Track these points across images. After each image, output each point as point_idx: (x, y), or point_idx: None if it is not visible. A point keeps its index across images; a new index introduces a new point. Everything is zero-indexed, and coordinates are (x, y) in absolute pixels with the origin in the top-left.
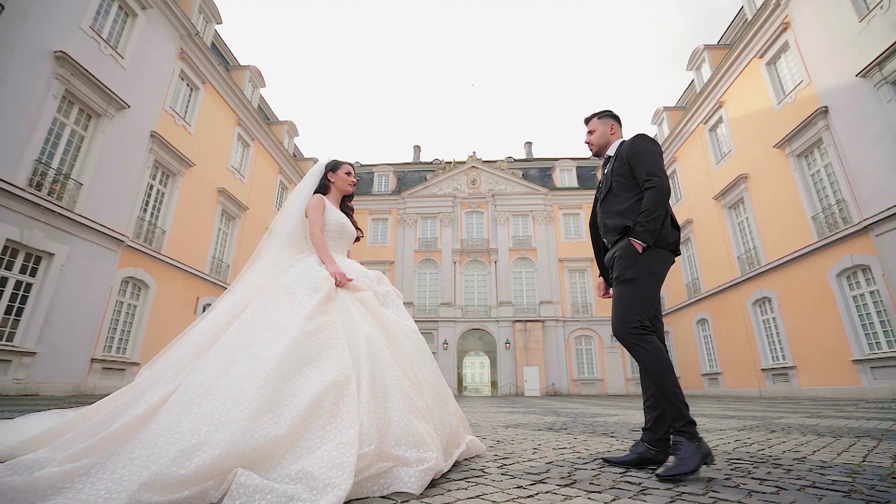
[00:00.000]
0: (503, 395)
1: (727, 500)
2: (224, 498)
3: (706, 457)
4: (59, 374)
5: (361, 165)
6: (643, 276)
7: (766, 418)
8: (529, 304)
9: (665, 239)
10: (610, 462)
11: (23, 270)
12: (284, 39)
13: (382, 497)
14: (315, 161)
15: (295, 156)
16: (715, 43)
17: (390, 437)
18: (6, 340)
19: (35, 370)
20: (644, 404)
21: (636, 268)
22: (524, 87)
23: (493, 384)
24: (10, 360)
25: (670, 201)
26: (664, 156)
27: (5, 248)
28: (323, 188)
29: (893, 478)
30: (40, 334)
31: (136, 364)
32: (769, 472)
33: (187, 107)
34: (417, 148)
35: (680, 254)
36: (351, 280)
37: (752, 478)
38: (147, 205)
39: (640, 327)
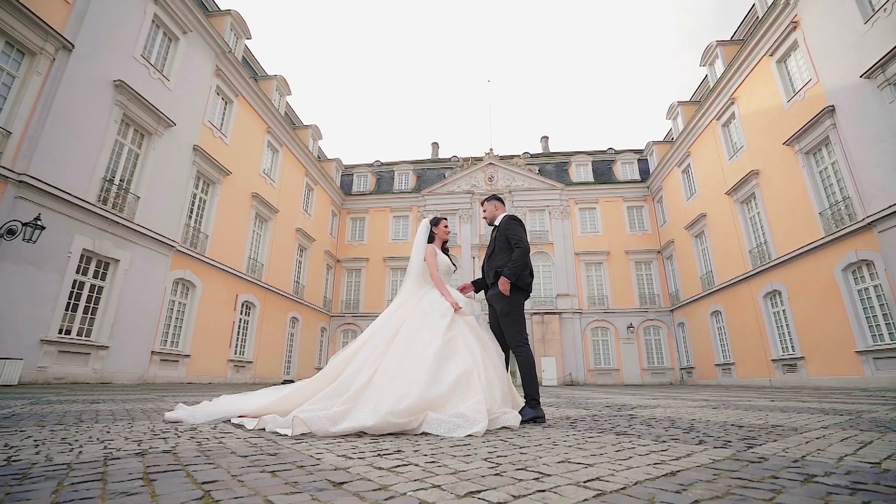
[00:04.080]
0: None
1: (613, 431)
2: (422, 424)
3: (538, 418)
4: (127, 365)
5: (381, 164)
6: (513, 310)
7: (732, 402)
8: (547, 297)
9: (523, 281)
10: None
11: (95, 275)
12: (304, 42)
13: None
14: (338, 162)
15: (319, 158)
16: (728, 38)
17: (497, 401)
18: (85, 336)
19: (108, 362)
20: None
21: (509, 305)
22: (540, 80)
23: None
24: (89, 353)
25: (684, 196)
26: (678, 150)
27: (82, 256)
28: (430, 238)
29: (738, 426)
30: (111, 330)
31: (188, 356)
32: (659, 422)
33: (223, 119)
34: (436, 145)
35: (530, 295)
36: (461, 308)
37: (646, 426)
38: (192, 212)
39: (520, 343)
